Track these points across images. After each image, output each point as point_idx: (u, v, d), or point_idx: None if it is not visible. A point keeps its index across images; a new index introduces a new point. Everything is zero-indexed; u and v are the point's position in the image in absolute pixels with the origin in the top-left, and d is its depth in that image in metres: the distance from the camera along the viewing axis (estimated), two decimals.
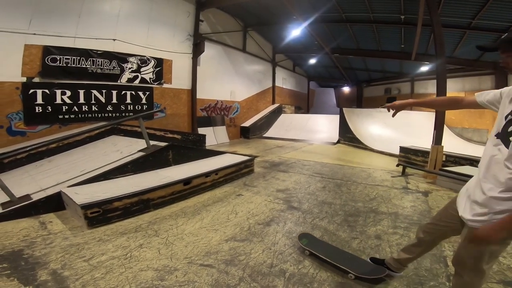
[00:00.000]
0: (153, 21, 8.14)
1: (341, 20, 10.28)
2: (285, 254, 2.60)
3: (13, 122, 5.60)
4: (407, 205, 4.01)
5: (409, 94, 16.67)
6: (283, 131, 13.15)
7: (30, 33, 5.68)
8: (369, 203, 4.08)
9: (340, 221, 3.41)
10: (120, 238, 2.86)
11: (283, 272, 2.30)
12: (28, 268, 2.28)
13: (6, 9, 5.32)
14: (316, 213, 3.65)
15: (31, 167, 4.99)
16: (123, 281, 2.12)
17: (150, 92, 8.24)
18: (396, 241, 2.88)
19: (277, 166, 6.55)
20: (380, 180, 5.42)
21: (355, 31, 11.19)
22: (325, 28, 11.28)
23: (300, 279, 2.21)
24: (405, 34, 10.22)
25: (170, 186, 3.89)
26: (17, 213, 3.29)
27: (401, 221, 3.41)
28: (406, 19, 9.00)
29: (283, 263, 2.43)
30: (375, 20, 9.77)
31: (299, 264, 2.43)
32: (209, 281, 2.15)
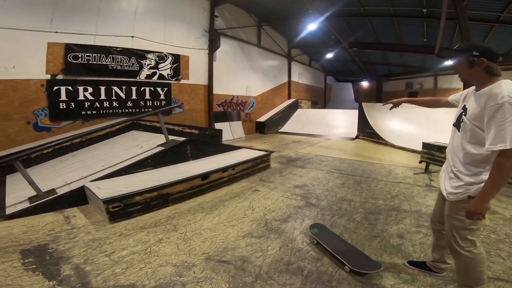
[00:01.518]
0: (169, 17, 8.20)
1: (359, 14, 9.95)
2: (303, 251, 2.55)
3: (39, 118, 5.84)
4: (431, 203, 3.82)
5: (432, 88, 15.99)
6: (300, 126, 12.98)
7: (52, 31, 5.87)
8: (390, 200, 3.94)
9: (360, 219, 3.31)
10: (140, 232, 2.91)
11: (301, 270, 2.26)
12: (53, 262, 2.34)
13: (28, 8, 5.51)
14: (335, 210, 3.57)
15: (56, 161, 5.20)
16: (143, 276, 2.15)
17: (168, 88, 8.34)
18: (420, 240, 2.77)
19: (294, 162, 6.47)
20: (402, 177, 5.23)
21: (375, 25, 10.81)
22: (343, 22, 10.97)
23: (318, 277, 2.16)
24: (428, 27, 9.78)
25: (188, 181, 3.93)
26: (43, 207, 3.39)
27: (425, 220, 3.25)
28: (428, 12, 8.61)
29: (301, 261, 2.39)
30: (396, 14, 9.40)
31: (318, 262, 2.38)
32: (226, 278, 2.14)
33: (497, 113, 1.49)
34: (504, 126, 1.46)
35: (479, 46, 1.69)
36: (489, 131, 1.53)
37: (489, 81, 1.64)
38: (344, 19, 10.63)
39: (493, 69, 1.64)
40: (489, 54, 1.64)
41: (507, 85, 1.55)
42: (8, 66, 5.36)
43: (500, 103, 1.48)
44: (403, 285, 2.06)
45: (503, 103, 1.47)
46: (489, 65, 1.63)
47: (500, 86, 1.56)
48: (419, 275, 2.18)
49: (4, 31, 5.24)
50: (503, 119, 1.46)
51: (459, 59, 1.75)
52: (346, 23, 11.09)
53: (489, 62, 1.63)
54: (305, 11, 9.92)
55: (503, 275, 2.16)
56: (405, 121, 9.94)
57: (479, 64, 1.64)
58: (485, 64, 1.63)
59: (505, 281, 2.10)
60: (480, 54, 1.64)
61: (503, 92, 1.50)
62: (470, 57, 1.66)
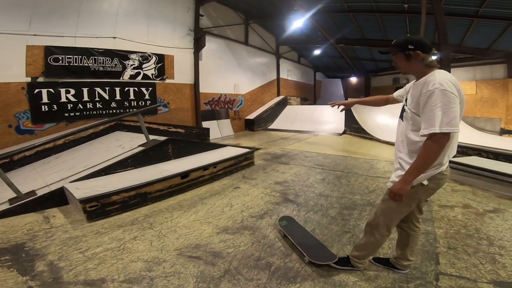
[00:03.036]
0: (152, 17, 8.17)
1: (343, 10, 10.06)
2: (274, 247, 2.63)
3: (21, 121, 5.81)
4: None
5: None
6: (289, 122, 13.08)
7: (31, 34, 5.82)
8: (367, 195, 4.03)
9: (335, 214, 3.39)
10: (116, 230, 2.97)
11: (269, 266, 2.33)
12: (28, 259, 2.40)
13: (5, 11, 5.45)
14: (311, 206, 3.66)
15: (39, 164, 5.19)
16: (113, 271, 2.21)
17: (153, 88, 8.34)
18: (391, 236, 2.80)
19: (279, 158, 6.55)
20: (382, 171, 5.35)
21: (359, 21, 10.93)
22: (328, 19, 11.06)
23: (285, 273, 2.23)
24: (410, 23, 9.92)
25: (167, 180, 3.97)
26: (23, 208, 3.43)
27: None
28: (410, 8, 8.73)
29: (270, 257, 2.46)
30: (378, 10, 9.51)
31: (286, 258, 2.45)
32: (195, 272, 2.21)
33: (429, 99, 1.59)
34: (434, 111, 1.55)
35: (413, 40, 1.77)
36: (423, 117, 1.63)
37: (427, 72, 1.73)
38: (329, 16, 10.71)
39: (428, 61, 1.74)
40: (423, 46, 1.74)
41: (440, 74, 1.65)
42: None
43: (431, 90, 1.58)
44: (365, 283, 2.07)
45: (434, 90, 1.57)
46: (424, 57, 1.73)
47: (433, 75, 1.66)
48: (382, 271, 2.20)
49: None
50: (434, 104, 1.56)
51: (397, 54, 1.82)
52: (332, 20, 11.18)
53: (424, 54, 1.73)
54: (292, 8, 9.96)
55: (465, 273, 2.17)
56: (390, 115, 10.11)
57: (415, 57, 1.74)
58: (420, 57, 1.73)
59: (467, 279, 2.10)
60: (414, 47, 1.73)
61: (435, 80, 1.60)
62: (406, 51, 1.76)
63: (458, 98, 1.58)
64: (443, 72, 1.69)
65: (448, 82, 1.58)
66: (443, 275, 2.15)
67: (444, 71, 1.71)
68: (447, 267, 2.27)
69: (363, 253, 2.15)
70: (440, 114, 1.53)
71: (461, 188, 4.33)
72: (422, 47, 1.73)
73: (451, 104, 1.54)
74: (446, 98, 1.54)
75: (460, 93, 1.62)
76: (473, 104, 12.08)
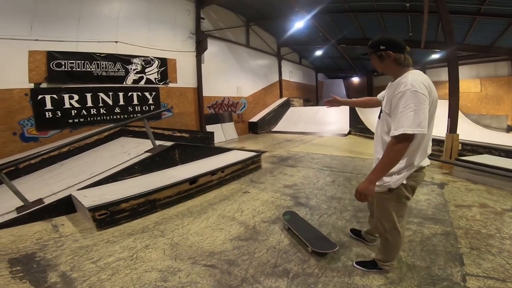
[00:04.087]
0: (153, 21, 8.13)
1: (344, 10, 9.98)
2: (289, 253, 2.55)
3: (25, 128, 5.75)
4: (421, 198, 3.85)
5: None
6: (292, 124, 13.00)
7: (32, 39, 5.75)
8: None
9: (349, 217, 3.32)
10: (127, 239, 2.89)
11: (287, 272, 2.25)
12: (40, 270, 2.34)
13: (5, 16, 5.38)
14: (324, 209, 3.58)
15: (44, 171, 5.14)
16: (128, 282, 2.14)
17: (156, 92, 8.28)
18: (408, 238, 2.73)
19: (285, 161, 6.48)
20: None
21: (360, 21, 10.85)
22: (329, 19, 10.99)
23: (304, 279, 2.16)
24: (412, 22, 9.82)
25: (176, 186, 3.90)
26: (31, 217, 3.37)
27: (414, 216, 3.27)
28: (411, 6, 8.63)
29: (287, 263, 2.39)
30: (379, 9, 9.42)
31: (304, 263, 2.38)
32: (212, 282, 2.14)
33: (400, 100, 1.59)
34: (405, 112, 1.55)
35: (385, 40, 1.75)
36: (394, 118, 1.63)
37: (401, 71, 1.72)
38: (330, 16, 10.65)
39: (401, 60, 1.73)
40: (394, 46, 1.72)
41: (413, 75, 1.65)
42: None
43: (403, 91, 1.58)
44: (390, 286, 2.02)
45: (405, 91, 1.57)
46: (396, 56, 1.72)
47: (406, 77, 1.65)
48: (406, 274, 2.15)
49: None
50: (404, 105, 1.56)
51: (371, 55, 1.83)
52: (333, 20, 11.12)
53: (395, 54, 1.72)
54: (292, 9, 9.92)
55: (493, 273, 2.13)
56: None
57: (387, 57, 1.74)
58: (392, 57, 1.72)
59: (495, 279, 2.06)
60: (386, 47, 1.72)
61: (407, 81, 1.60)
62: (378, 51, 1.75)
63: (428, 99, 1.59)
64: (416, 73, 1.68)
65: (419, 83, 1.58)
66: (470, 276, 2.12)
67: (418, 71, 1.71)
68: (472, 267, 2.22)
69: (387, 257, 2.14)
70: (411, 115, 1.53)
71: (475, 187, 4.26)
72: (394, 46, 1.72)
73: (421, 105, 1.55)
74: (417, 99, 1.55)
75: (431, 93, 1.63)
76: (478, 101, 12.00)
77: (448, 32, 5.53)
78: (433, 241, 2.68)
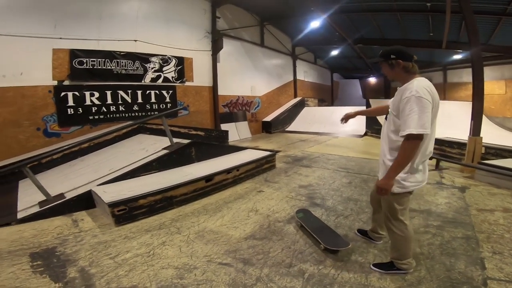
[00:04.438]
0: (171, 20, 8.25)
1: (361, 10, 9.76)
2: (305, 253, 2.52)
3: (48, 124, 5.97)
4: (441, 202, 3.73)
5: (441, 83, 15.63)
6: (307, 124, 12.88)
7: (56, 38, 5.97)
8: None
9: (366, 219, 3.25)
10: (144, 235, 2.94)
11: (302, 273, 2.23)
12: (59, 265, 2.39)
13: (31, 15, 5.60)
14: (341, 211, 3.52)
15: (65, 166, 5.31)
16: (145, 278, 2.17)
17: (173, 90, 8.41)
18: (428, 241, 2.68)
19: (300, 161, 6.42)
20: None
21: (378, 20, 10.60)
22: (346, 19, 10.79)
23: (320, 280, 2.13)
24: (433, 22, 9.50)
25: (192, 183, 3.94)
26: (52, 211, 3.47)
27: (434, 219, 3.18)
28: (432, 6, 8.37)
29: (302, 263, 2.36)
30: (399, 9, 9.17)
31: (320, 264, 2.34)
32: (227, 280, 2.14)
33: (406, 105, 1.81)
34: (411, 115, 1.77)
35: (395, 50, 1.99)
36: (402, 120, 1.85)
37: (409, 78, 1.94)
38: (347, 16, 10.46)
39: (409, 68, 1.95)
40: (403, 55, 1.95)
41: (418, 82, 1.86)
42: (16, 73, 5.49)
43: (409, 97, 1.80)
44: None
45: (411, 96, 1.79)
46: (405, 64, 1.95)
47: (412, 83, 1.86)
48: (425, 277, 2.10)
49: (9, 38, 5.35)
50: (410, 109, 1.78)
51: (383, 63, 2.07)
52: (350, 20, 10.92)
53: (404, 62, 1.94)
54: (308, 9, 9.81)
55: None
56: None
57: (397, 65, 1.97)
58: (401, 65, 1.95)
59: None
60: (396, 56, 1.96)
61: (412, 88, 1.82)
62: (389, 60, 1.99)
63: (431, 104, 1.81)
64: (421, 80, 1.89)
65: (423, 90, 1.79)
66: (491, 280, 2.06)
67: (423, 78, 1.92)
68: (494, 272, 2.16)
69: (400, 252, 2.17)
70: (416, 118, 1.75)
71: (498, 192, 4.10)
72: (403, 56, 1.95)
73: (425, 109, 1.76)
74: (421, 104, 1.76)
75: (434, 98, 1.84)
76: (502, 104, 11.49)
77: (472, 32, 5.32)
78: (453, 244, 2.62)
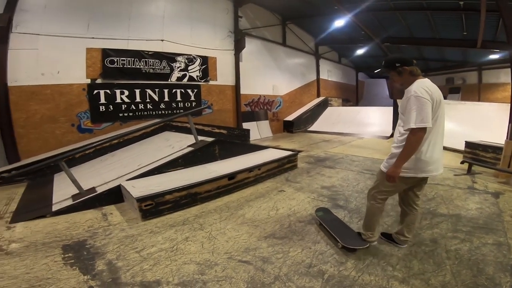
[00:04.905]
0: (195, 20, 8.43)
1: (389, 9, 9.37)
2: (326, 254, 2.50)
3: (82, 120, 6.35)
4: (472, 207, 3.54)
5: (476, 84, 14.71)
6: (330, 124, 12.64)
7: (89, 37, 6.32)
8: (426, 203, 3.69)
9: (391, 222, 3.16)
10: (169, 230, 3.04)
11: (321, 273, 2.21)
12: (89, 258, 2.50)
13: (66, 15, 5.95)
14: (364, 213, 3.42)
15: (97, 161, 5.62)
16: (168, 273, 2.24)
17: (198, 89, 8.61)
18: (455, 246, 2.57)
19: (323, 162, 6.32)
20: (440, 178, 4.85)
21: (407, 19, 10.12)
22: (373, 18, 10.40)
23: (340, 281, 2.11)
24: (467, 20, 8.94)
25: (215, 181, 4.02)
26: (84, 205, 3.67)
27: (464, 225, 3.03)
28: (466, 5, 7.89)
29: (322, 264, 2.34)
30: (429, 7, 8.71)
31: (341, 265, 2.31)
32: (245, 278, 2.17)
33: (407, 104, 2.10)
34: (411, 112, 2.05)
35: (399, 59, 2.28)
36: (406, 117, 2.12)
37: (413, 80, 2.19)
38: (373, 14, 10.08)
39: (414, 71, 2.22)
40: (406, 62, 2.23)
41: (418, 83, 2.14)
42: (53, 71, 5.87)
43: (409, 97, 2.10)
44: None
45: (410, 97, 2.08)
46: (410, 69, 2.22)
47: (412, 85, 2.15)
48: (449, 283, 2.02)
49: (47, 38, 5.73)
50: (410, 107, 2.07)
51: (390, 72, 2.32)
52: (376, 18, 10.52)
53: (409, 68, 2.22)
54: (331, 8, 9.58)
55: None
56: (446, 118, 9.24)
57: (404, 71, 2.23)
58: (408, 70, 2.22)
59: None
60: (401, 64, 2.23)
61: (411, 89, 2.12)
62: (397, 68, 2.25)
63: (430, 102, 2.05)
64: (422, 81, 2.16)
65: (421, 89, 2.07)
66: None
67: (424, 79, 2.18)
68: None
69: (366, 224, 2.56)
70: (415, 114, 2.03)
71: None
72: (406, 62, 2.23)
73: (423, 106, 2.02)
74: (419, 102, 2.03)
75: (433, 97, 2.09)
76: None
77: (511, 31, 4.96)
78: (482, 250, 2.50)
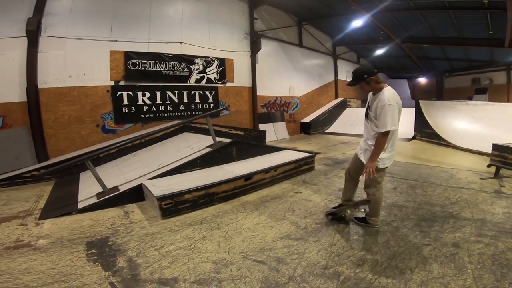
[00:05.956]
0: (212, 22, 8.58)
1: (408, 8, 9.09)
2: (342, 256, 2.47)
3: (106, 121, 6.64)
4: (499, 211, 3.37)
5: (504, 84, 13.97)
6: (349, 126, 12.37)
7: (112, 40, 6.57)
8: (449, 207, 3.56)
9: (412, 225, 3.07)
10: (187, 229, 3.12)
11: (337, 275, 2.19)
12: (111, 254, 2.60)
13: (90, 19, 6.23)
14: (383, 216, 3.35)
15: (120, 160, 5.85)
16: (185, 271, 2.30)
17: (216, 91, 8.75)
18: (478, 250, 2.46)
19: (341, 164, 6.22)
20: (465, 182, 4.66)
21: (428, 19, 9.78)
22: (392, 18, 10.13)
23: (356, 283, 2.08)
24: (492, 19, 8.54)
25: (232, 181, 4.07)
26: (108, 203, 3.82)
27: (488, 229, 2.90)
28: (490, 3, 7.55)
29: (338, 266, 2.32)
30: (451, 6, 8.39)
31: (357, 268, 2.28)
32: (260, 277, 2.19)
33: (382, 110, 2.57)
34: (386, 118, 2.54)
35: (365, 70, 2.78)
36: (379, 121, 2.62)
37: (380, 87, 2.70)
38: (392, 14, 9.81)
39: (378, 79, 2.72)
40: (371, 72, 2.71)
41: (388, 92, 2.63)
42: (80, 73, 6.17)
43: (383, 105, 2.57)
44: None
45: (384, 105, 2.56)
46: (376, 79, 2.70)
47: (384, 94, 2.62)
48: None
49: (74, 41, 6.03)
50: (385, 114, 2.55)
51: (361, 83, 2.75)
52: (396, 18, 10.23)
53: (375, 77, 2.69)
54: (348, 8, 9.43)
55: None
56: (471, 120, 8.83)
57: (371, 81, 2.70)
58: (374, 79, 2.70)
59: None
60: (368, 75, 2.69)
61: (384, 98, 2.59)
62: (366, 79, 2.70)
63: (397, 108, 2.60)
64: (390, 90, 2.66)
65: (391, 99, 2.56)
66: None
67: (389, 88, 2.69)
68: None
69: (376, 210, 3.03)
70: (390, 119, 2.54)
71: None
72: (372, 73, 2.70)
73: (393, 113, 2.56)
74: (391, 110, 2.54)
75: (398, 103, 2.62)
76: None
77: None
78: (507, 255, 2.38)
